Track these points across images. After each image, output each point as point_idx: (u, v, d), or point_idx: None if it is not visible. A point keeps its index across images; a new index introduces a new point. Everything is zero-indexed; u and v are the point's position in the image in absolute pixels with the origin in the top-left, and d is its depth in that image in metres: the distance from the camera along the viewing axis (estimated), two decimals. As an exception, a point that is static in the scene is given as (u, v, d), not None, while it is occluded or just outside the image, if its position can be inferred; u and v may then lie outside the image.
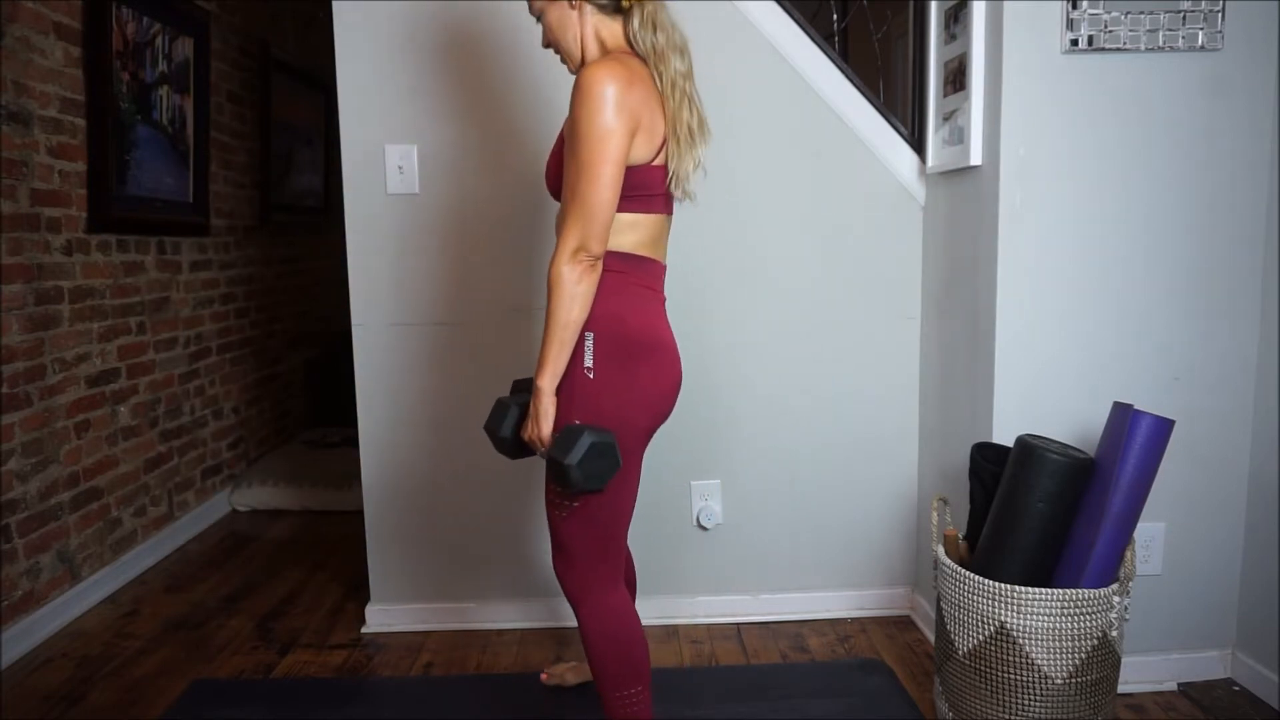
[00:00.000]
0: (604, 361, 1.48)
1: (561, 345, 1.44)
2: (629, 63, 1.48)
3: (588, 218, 1.42)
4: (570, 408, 1.48)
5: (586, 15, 1.53)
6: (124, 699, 2.09)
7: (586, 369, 1.48)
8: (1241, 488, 2.01)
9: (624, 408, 1.50)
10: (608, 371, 1.48)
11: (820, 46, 2.28)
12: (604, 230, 1.43)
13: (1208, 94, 1.89)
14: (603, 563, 1.56)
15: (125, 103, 2.78)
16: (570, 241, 1.42)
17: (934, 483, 2.32)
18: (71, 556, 2.56)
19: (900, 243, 2.34)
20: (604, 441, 1.42)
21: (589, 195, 1.41)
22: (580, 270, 1.43)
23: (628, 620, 1.58)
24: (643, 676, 1.58)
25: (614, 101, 1.40)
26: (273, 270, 4.04)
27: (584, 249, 1.42)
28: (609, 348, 1.48)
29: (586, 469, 1.41)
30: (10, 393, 2.32)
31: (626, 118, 1.42)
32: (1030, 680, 1.65)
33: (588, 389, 1.48)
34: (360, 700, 2.06)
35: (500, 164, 2.28)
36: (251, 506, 3.53)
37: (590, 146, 1.41)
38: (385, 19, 2.22)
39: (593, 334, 1.48)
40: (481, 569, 2.42)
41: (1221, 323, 1.96)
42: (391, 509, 2.40)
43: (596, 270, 1.45)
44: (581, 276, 1.43)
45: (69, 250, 2.56)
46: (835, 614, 2.45)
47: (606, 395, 1.48)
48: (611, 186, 1.42)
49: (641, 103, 1.45)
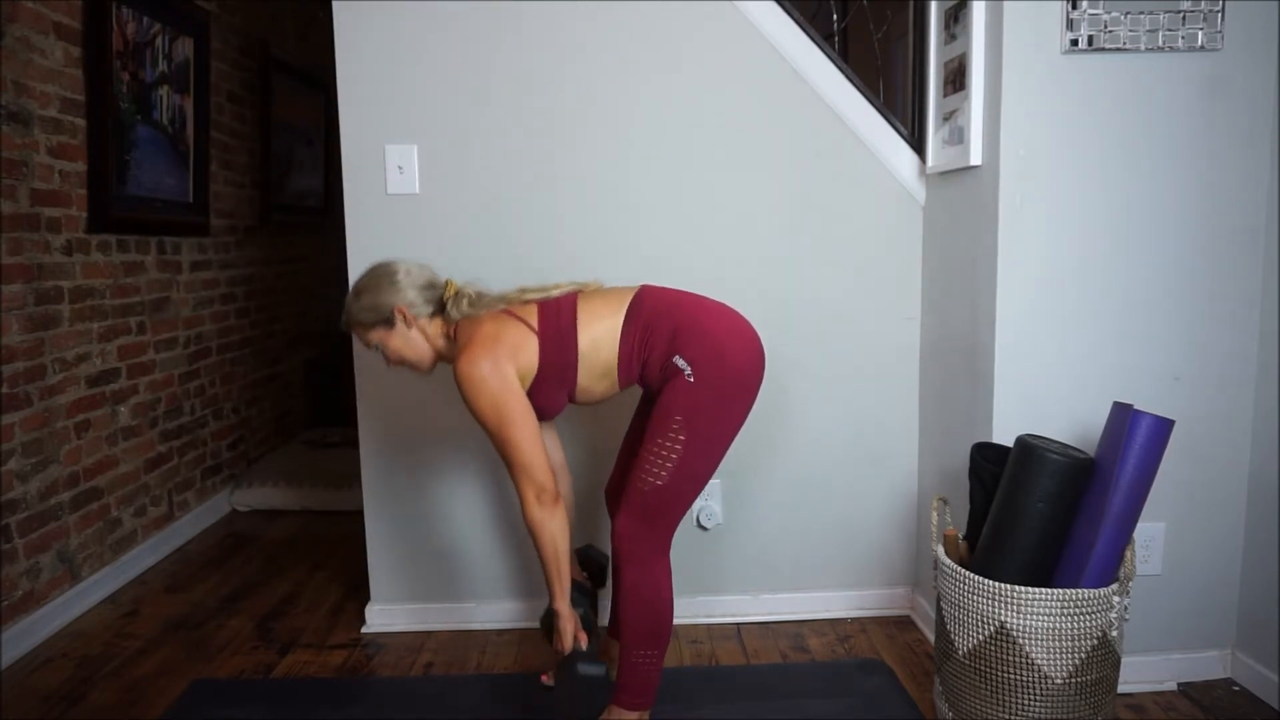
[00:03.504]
0: (700, 372, 1.68)
1: (559, 572, 1.70)
2: (477, 331, 1.72)
3: (528, 470, 1.66)
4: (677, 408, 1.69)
5: (423, 325, 1.78)
6: (124, 699, 2.09)
7: (687, 376, 1.68)
8: (1241, 488, 2.01)
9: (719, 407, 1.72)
10: (703, 378, 1.69)
11: (820, 46, 2.28)
12: (543, 469, 1.67)
13: (1208, 94, 1.89)
14: (668, 529, 1.74)
15: (125, 103, 2.78)
16: (528, 493, 1.67)
17: (934, 483, 2.32)
18: (71, 556, 2.56)
19: (900, 243, 2.35)
20: (591, 674, 1.66)
21: (518, 455, 1.66)
22: (548, 509, 1.67)
23: (668, 590, 1.75)
24: (664, 641, 1.76)
25: (493, 377, 1.65)
26: (273, 270, 4.04)
27: (540, 491, 1.67)
28: (702, 367, 1.69)
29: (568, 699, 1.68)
30: (10, 393, 2.32)
31: (508, 376, 1.67)
32: (1030, 680, 1.65)
33: (691, 390, 1.69)
34: (360, 700, 2.06)
35: (500, 164, 2.28)
36: (251, 506, 3.53)
37: (496, 423, 1.66)
38: (385, 19, 2.22)
39: (690, 364, 1.69)
40: (481, 569, 2.42)
41: (1221, 322, 1.96)
42: (391, 509, 2.40)
43: (559, 499, 1.69)
44: (552, 514, 1.67)
45: (69, 250, 2.56)
46: (835, 614, 2.45)
47: (706, 397, 1.69)
48: (530, 437, 1.66)
49: (505, 358, 1.68)
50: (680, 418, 1.67)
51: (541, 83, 2.25)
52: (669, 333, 1.71)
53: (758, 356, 1.75)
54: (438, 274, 1.83)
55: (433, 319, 1.79)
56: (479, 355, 1.66)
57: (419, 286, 1.77)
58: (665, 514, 1.72)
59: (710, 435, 1.70)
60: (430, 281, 1.79)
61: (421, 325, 1.78)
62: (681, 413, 1.67)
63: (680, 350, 1.69)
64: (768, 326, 2.33)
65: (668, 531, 1.74)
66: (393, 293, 1.75)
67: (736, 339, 1.73)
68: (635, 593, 1.72)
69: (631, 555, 1.73)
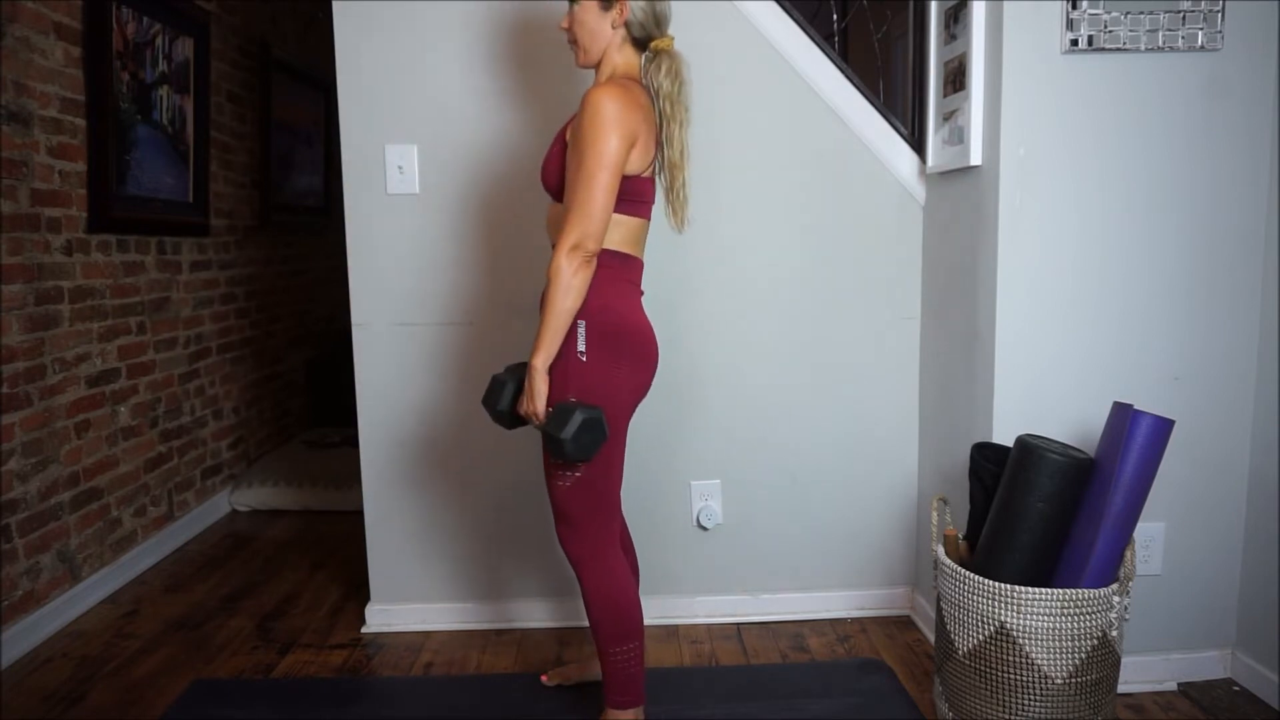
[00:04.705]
0: (595, 346, 1.66)
1: (556, 331, 1.61)
2: (633, 89, 1.66)
3: (588, 218, 1.58)
4: (565, 386, 1.65)
5: (618, 35, 1.71)
6: (124, 699, 2.09)
7: (580, 352, 1.65)
8: (1241, 488, 2.01)
9: (611, 386, 1.68)
10: (598, 355, 1.66)
11: (820, 46, 2.28)
12: (601, 230, 1.60)
13: (1207, 94, 1.89)
14: (603, 526, 1.74)
15: (125, 103, 2.78)
16: (571, 238, 1.57)
17: (934, 483, 2.32)
18: (71, 556, 2.56)
19: (900, 243, 2.35)
20: (593, 417, 1.59)
21: (589, 198, 1.57)
22: (577, 264, 1.58)
23: (623, 582, 1.75)
24: (636, 634, 1.76)
25: (617, 120, 1.58)
26: (273, 270, 4.03)
27: (581, 246, 1.58)
28: (599, 335, 1.66)
29: (578, 441, 1.58)
30: (10, 393, 2.32)
31: (626, 134, 1.60)
32: (1030, 680, 1.65)
33: (581, 370, 1.66)
34: (360, 700, 2.06)
35: (500, 164, 2.28)
36: (251, 506, 3.53)
37: (594, 156, 1.57)
38: (385, 19, 2.22)
39: (584, 322, 1.65)
40: (482, 569, 2.42)
41: (1221, 322, 1.96)
42: (391, 509, 2.40)
43: (591, 265, 1.60)
44: (578, 270, 1.58)
45: (69, 250, 2.56)
46: (835, 614, 2.45)
47: (597, 375, 1.66)
48: (609, 192, 1.59)
49: (639, 123, 1.63)
50: (573, 401, 1.63)
51: (542, 82, 2.25)
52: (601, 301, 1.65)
53: (650, 337, 1.74)
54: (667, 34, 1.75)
55: (625, 43, 1.71)
56: (623, 98, 1.60)
57: (649, 11, 1.70)
58: (590, 511, 1.71)
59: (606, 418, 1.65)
60: (660, 19, 1.72)
61: (619, 31, 1.69)
62: (574, 394, 1.64)
63: (590, 316, 1.64)
64: (767, 326, 2.35)
65: (604, 526, 1.73)
66: None
67: (639, 328, 1.72)
68: (595, 594, 1.73)
69: (579, 560, 1.73)
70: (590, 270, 1.60)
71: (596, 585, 1.73)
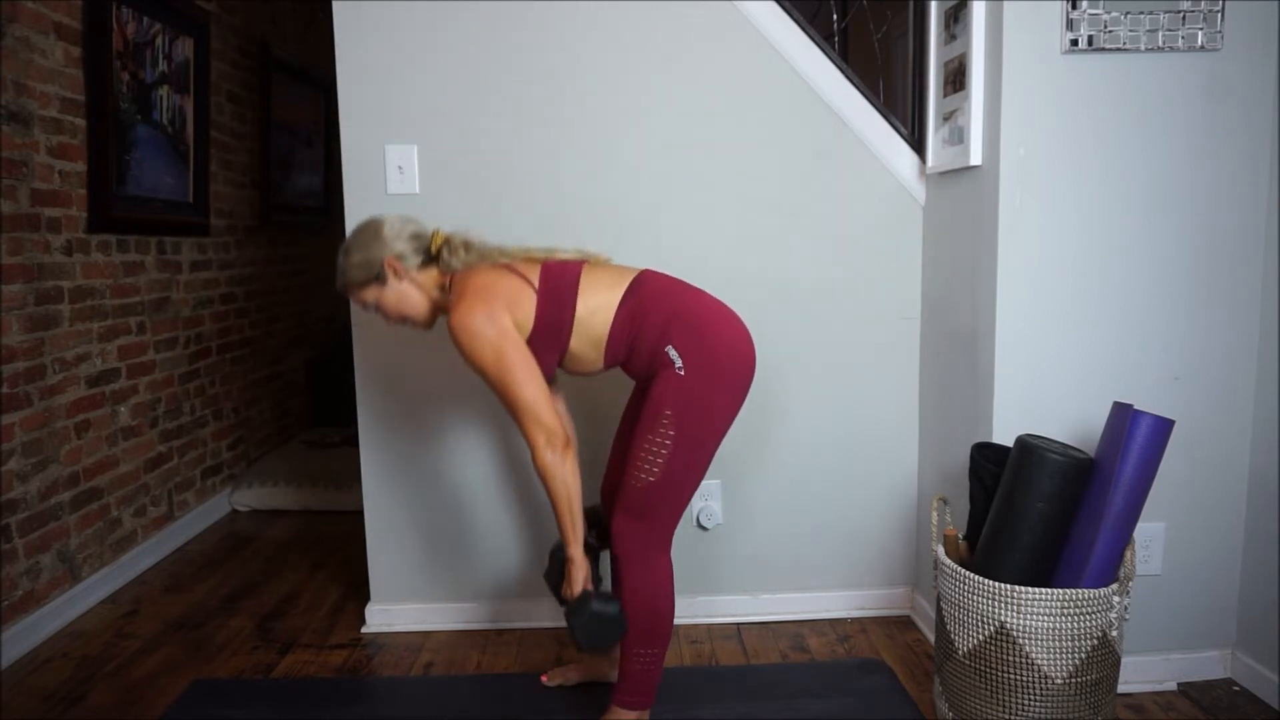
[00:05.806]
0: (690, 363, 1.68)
1: (573, 517, 1.68)
2: (471, 284, 1.69)
3: (534, 420, 1.64)
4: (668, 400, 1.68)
5: (414, 278, 1.77)
6: (124, 699, 2.09)
7: (678, 369, 1.68)
8: (1241, 488, 2.01)
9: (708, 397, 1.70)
10: (692, 366, 1.69)
11: (820, 46, 2.28)
12: (550, 413, 1.65)
13: (1207, 94, 1.89)
14: (666, 528, 1.74)
15: (125, 103, 2.78)
16: (538, 438, 1.65)
17: (934, 483, 2.32)
18: (71, 556, 2.56)
19: (900, 243, 2.35)
20: (606, 612, 1.68)
21: (522, 403, 1.64)
22: (559, 452, 1.65)
23: (668, 587, 1.75)
24: (664, 640, 1.76)
25: (489, 326, 1.63)
26: (273, 270, 4.04)
27: (550, 440, 1.64)
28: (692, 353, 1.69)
29: (587, 635, 1.69)
30: (10, 393, 2.32)
31: (498, 329, 1.64)
32: (1030, 680, 1.65)
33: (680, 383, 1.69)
34: (360, 700, 2.06)
35: (500, 164, 2.28)
36: (251, 506, 3.53)
37: (494, 371, 1.64)
38: (385, 19, 2.22)
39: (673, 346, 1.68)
40: (481, 569, 2.42)
41: (1221, 322, 1.96)
42: (391, 509, 2.40)
43: (570, 444, 1.67)
44: (563, 457, 1.65)
45: (69, 250, 2.56)
46: (835, 614, 2.45)
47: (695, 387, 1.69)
48: (531, 381, 1.64)
49: (496, 299, 1.66)
50: (670, 412, 1.66)
51: (542, 82, 2.25)
52: (663, 318, 1.70)
53: (749, 353, 1.74)
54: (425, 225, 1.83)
55: (424, 269, 1.77)
56: (474, 305, 1.65)
57: (406, 238, 1.76)
58: (661, 511, 1.72)
59: (701, 430, 1.69)
60: (417, 232, 1.78)
61: (413, 277, 1.76)
62: (672, 407, 1.66)
63: (672, 339, 1.68)
64: (767, 326, 2.34)
65: (666, 529, 1.74)
66: (380, 246, 1.74)
67: (729, 333, 1.72)
68: (636, 592, 1.72)
69: (630, 555, 1.73)
70: (571, 449, 1.67)
71: (641, 585, 1.72)
